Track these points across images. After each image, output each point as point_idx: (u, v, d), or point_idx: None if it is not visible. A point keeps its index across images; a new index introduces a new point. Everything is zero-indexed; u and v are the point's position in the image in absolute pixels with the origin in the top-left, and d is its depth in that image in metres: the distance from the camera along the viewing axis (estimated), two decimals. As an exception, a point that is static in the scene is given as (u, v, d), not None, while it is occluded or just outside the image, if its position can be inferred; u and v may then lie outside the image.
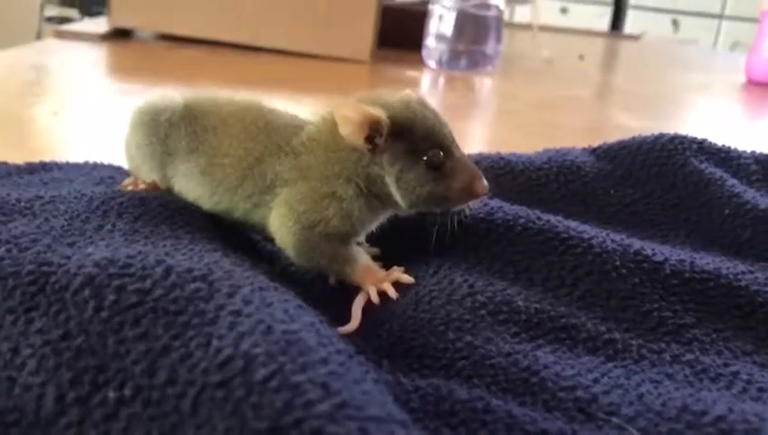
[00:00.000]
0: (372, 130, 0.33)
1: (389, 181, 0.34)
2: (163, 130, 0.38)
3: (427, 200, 0.34)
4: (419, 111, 0.34)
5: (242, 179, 0.35)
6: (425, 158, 0.33)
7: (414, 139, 0.33)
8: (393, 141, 0.33)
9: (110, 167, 0.48)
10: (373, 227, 0.36)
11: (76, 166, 0.48)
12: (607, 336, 0.33)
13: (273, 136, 0.35)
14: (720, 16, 2.70)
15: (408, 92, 0.35)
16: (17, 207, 0.35)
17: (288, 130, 0.35)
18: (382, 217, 0.36)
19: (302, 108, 0.39)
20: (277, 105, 0.38)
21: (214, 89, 0.39)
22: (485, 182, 0.34)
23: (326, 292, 0.35)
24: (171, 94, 0.39)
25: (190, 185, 0.37)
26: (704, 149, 0.48)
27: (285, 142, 0.35)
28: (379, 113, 0.33)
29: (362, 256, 0.35)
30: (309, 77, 0.95)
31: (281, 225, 0.34)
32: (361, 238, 0.36)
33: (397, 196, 0.34)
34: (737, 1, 2.66)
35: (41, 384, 0.24)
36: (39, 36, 1.90)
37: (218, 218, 0.37)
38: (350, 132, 0.33)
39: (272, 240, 0.35)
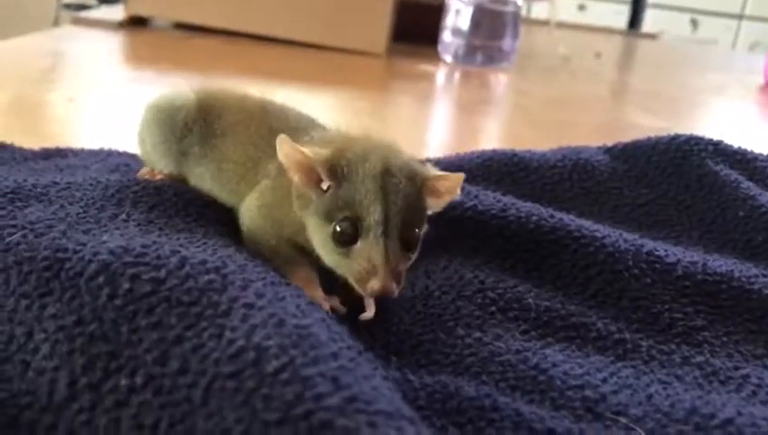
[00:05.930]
0: (310, 173, 0.30)
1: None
2: (179, 131, 0.38)
3: (331, 265, 0.31)
4: (365, 167, 0.29)
5: (239, 182, 0.35)
6: (335, 224, 0.29)
7: (337, 196, 0.30)
8: (331, 189, 0.30)
9: (125, 154, 0.48)
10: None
11: (91, 153, 0.49)
12: (617, 336, 0.33)
13: (273, 142, 0.33)
14: (740, 16, 2.67)
15: (381, 141, 0.32)
16: (33, 192, 0.35)
17: (291, 134, 0.33)
18: None
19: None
20: (291, 104, 0.38)
21: (227, 82, 0.39)
22: (385, 284, 0.28)
23: (337, 286, 0.35)
24: (185, 91, 0.39)
25: (204, 187, 0.37)
26: (719, 150, 0.48)
27: None
28: (316, 156, 0.30)
29: (305, 266, 0.33)
30: (324, 69, 0.95)
31: (247, 206, 0.34)
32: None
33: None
34: (758, 1, 2.63)
35: (54, 369, 0.24)
36: (56, 23, 1.91)
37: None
38: (289, 170, 0.31)
39: None
